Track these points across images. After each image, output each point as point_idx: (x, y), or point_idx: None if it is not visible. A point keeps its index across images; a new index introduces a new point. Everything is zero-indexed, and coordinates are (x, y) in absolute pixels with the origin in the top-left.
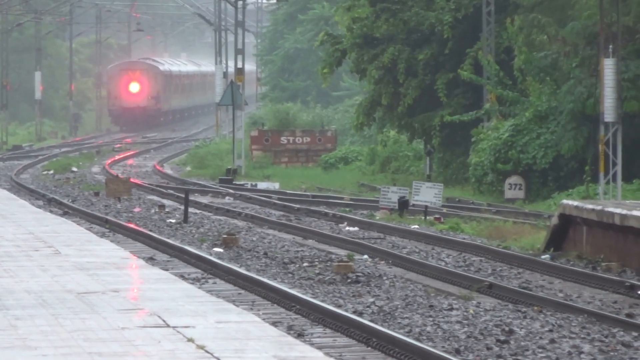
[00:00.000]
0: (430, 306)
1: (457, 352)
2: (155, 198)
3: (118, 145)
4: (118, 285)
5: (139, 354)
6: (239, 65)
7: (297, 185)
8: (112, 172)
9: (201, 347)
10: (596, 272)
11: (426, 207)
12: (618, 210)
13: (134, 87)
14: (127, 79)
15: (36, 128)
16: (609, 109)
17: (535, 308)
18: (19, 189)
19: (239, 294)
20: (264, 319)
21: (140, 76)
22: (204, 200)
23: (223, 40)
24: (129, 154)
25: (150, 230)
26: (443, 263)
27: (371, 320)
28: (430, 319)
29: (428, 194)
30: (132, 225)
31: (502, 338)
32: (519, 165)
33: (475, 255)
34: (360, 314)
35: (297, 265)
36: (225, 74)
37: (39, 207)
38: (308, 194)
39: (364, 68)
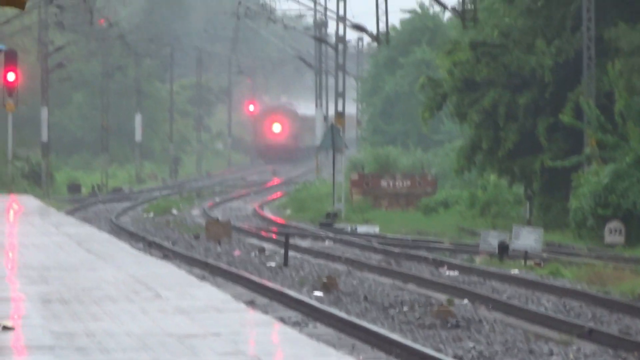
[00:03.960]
0: (530, 351)
1: None
2: (255, 241)
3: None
4: (219, 329)
5: None
6: (339, 108)
7: (397, 229)
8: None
9: None
10: None
11: (526, 251)
12: None
13: (277, 127)
14: (270, 120)
15: (136, 170)
16: None
17: (636, 354)
18: (119, 231)
19: (339, 338)
20: None
21: (282, 118)
22: (304, 243)
23: (323, 83)
24: (229, 196)
25: (251, 274)
26: (543, 308)
27: None
28: None
29: (528, 238)
30: (232, 269)
31: None
32: (619, 210)
33: (575, 300)
34: (461, 359)
35: (397, 310)
36: (325, 117)
37: (139, 249)
38: (408, 238)
39: (465, 112)
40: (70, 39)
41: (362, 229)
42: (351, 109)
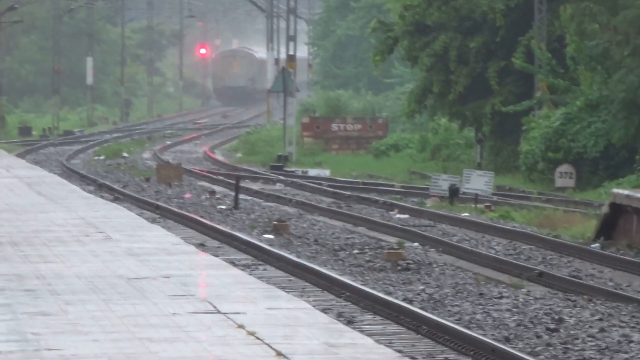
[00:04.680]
0: (480, 294)
1: (507, 340)
2: (206, 184)
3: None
4: (169, 271)
5: (190, 340)
6: (291, 52)
7: (348, 172)
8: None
9: (251, 334)
10: None
11: (477, 195)
12: None
13: (235, 70)
14: (229, 63)
15: (87, 113)
16: None
17: (585, 297)
18: (70, 174)
19: (290, 280)
20: (314, 306)
21: (241, 61)
22: (255, 186)
23: (275, 27)
24: (180, 140)
25: (201, 217)
26: (493, 251)
27: (421, 308)
28: (480, 307)
29: (479, 182)
30: (183, 212)
31: (552, 326)
32: (569, 153)
33: (525, 244)
34: (411, 302)
35: (348, 253)
36: (277, 61)
37: (90, 192)
38: (359, 181)
39: (416, 56)
40: None
41: (313, 172)
42: (303, 52)
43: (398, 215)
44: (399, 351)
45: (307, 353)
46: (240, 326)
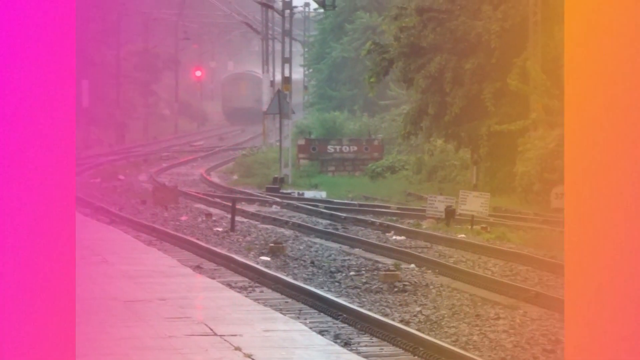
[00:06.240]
0: (477, 315)
1: None
2: (202, 206)
3: (166, 154)
4: (165, 294)
5: None
6: (286, 74)
7: (344, 194)
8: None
9: (248, 356)
10: None
11: (473, 216)
12: None
13: (243, 92)
14: (237, 85)
15: (83, 136)
16: None
17: None
18: None
19: (286, 302)
20: (310, 328)
21: (247, 84)
22: (251, 208)
23: (270, 49)
24: (176, 162)
25: (197, 239)
26: (490, 272)
27: (418, 330)
28: (477, 328)
29: (475, 203)
30: (179, 234)
31: (549, 347)
32: None
33: (521, 265)
34: (407, 323)
35: (344, 274)
36: (272, 83)
37: (86, 215)
38: (355, 202)
39: (411, 77)
40: None
41: (309, 193)
42: (298, 74)
43: (394, 237)
44: None
45: None
46: (237, 348)
